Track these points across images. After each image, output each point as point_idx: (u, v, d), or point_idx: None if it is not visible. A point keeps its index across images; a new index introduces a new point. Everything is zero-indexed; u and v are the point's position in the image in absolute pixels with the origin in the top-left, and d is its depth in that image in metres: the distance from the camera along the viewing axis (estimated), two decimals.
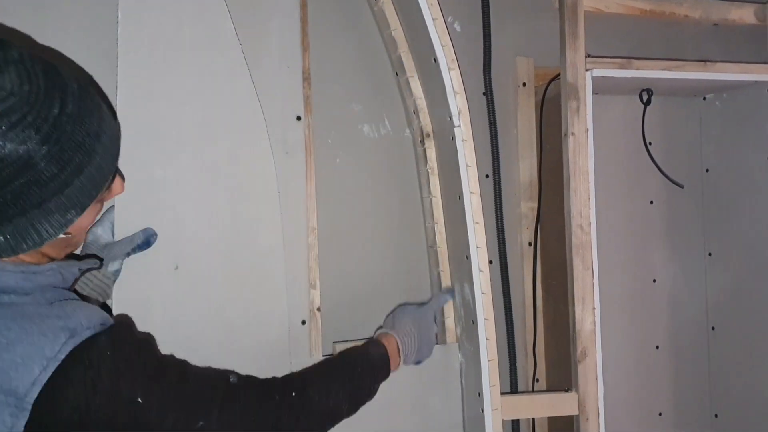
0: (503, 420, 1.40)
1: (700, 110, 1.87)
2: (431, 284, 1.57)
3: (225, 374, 0.98)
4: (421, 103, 1.50)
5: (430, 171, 1.50)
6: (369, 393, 1.18)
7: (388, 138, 1.57)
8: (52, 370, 0.77)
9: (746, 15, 1.67)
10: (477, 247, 1.37)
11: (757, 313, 1.72)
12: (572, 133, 1.46)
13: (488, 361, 1.37)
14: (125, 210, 1.21)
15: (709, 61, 1.61)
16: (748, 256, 1.75)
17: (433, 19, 1.34)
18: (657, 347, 1.85)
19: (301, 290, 1.40)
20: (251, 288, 1.32)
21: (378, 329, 1.34)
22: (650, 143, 1.78)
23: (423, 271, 1.58)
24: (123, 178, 0.95)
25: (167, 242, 1.23)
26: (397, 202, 1.57)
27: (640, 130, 1.71)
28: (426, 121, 1.49)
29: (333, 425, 1.10)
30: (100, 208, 0.94)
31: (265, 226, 1.34)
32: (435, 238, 1.52)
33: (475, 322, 1.38)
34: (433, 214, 1.52)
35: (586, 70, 1.47)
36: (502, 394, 1.38)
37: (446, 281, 1.51)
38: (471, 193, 1.37)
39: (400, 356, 1.27)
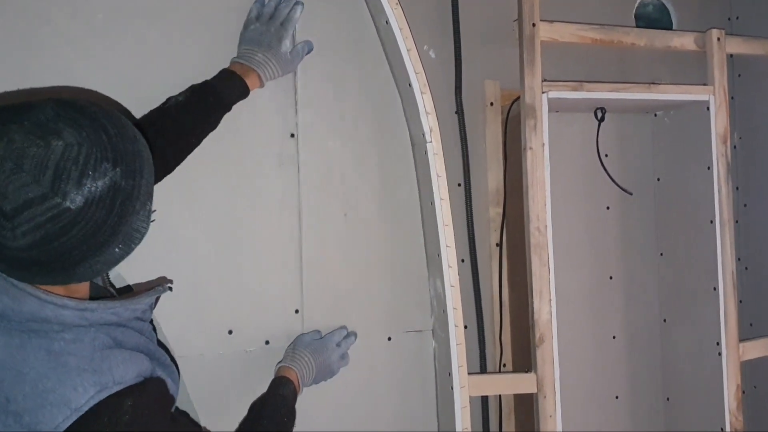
0: (472, 397, 1.61)
1: (651, 125, 2.08)
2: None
3: None
4: None
5: None
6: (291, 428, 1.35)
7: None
8: (73, 420, 0.88)
9: (687, 42, 1.87)
10: (446, 246, 1.57)
11: (703, 307, 1.91)
12: (530, 148, 1.67)
13: (456, 344, 1.57)
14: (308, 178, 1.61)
15: (653, 83, 1.83)
16: (695, 254, 1.94)
17: (408, 50, 1.55)
18: (614, 337, 2.04)
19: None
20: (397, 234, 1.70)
21: (278, 363, 1.47)
22: (606, 155, 2.00)
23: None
24: None
25: (338, 197, 1.63)
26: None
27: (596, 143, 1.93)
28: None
29: None
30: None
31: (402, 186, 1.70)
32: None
33: (445, 312, 1.58)
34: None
35: (543, 92, 1.68)
36: (469, 374, 1.59)
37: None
38: (441, 199, 1.57)
39: (300, 385, 1.41)
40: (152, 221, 0.99)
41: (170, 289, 1.18)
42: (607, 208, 2.04)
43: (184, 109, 1.34)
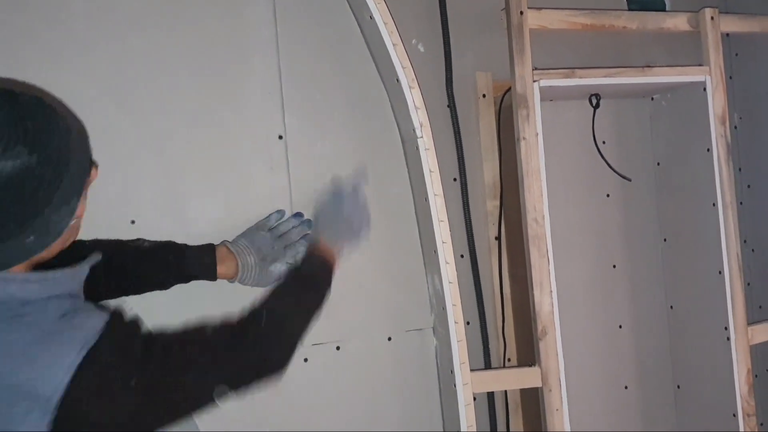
0: (477, 393, 1.59)
1: (649, 109, 2.04)
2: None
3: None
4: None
5: None
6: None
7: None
8: (72, 373, 0.91)
9: (680, 23, 1.83)
10: (443, 242, 1.55)
11: (709, 291, 1.86)
12: (524, 138, 1.64)
13: (457, 341, 1.55)
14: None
15: (647, 66, 1.80)
16: (698, 238, 1.90)
17: (394, 45, 1.52)
18: (620, 326, 2.00)
19: None
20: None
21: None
22: (604, 142, 1.96)
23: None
24: (97, 166, 1.08)
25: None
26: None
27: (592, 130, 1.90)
28: None
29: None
30: (86, 195, 1.06)
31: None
32: None
33: (445, 309, 1.55)
34: None
35: (534, 81, 1.65)
36: (472, 370, 1.57)
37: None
38: (435, 195, 1.55)
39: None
40: (76, 220, 1.02)
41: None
42: (608, 195, 2.01)
43: (143, 255, 1.35)
